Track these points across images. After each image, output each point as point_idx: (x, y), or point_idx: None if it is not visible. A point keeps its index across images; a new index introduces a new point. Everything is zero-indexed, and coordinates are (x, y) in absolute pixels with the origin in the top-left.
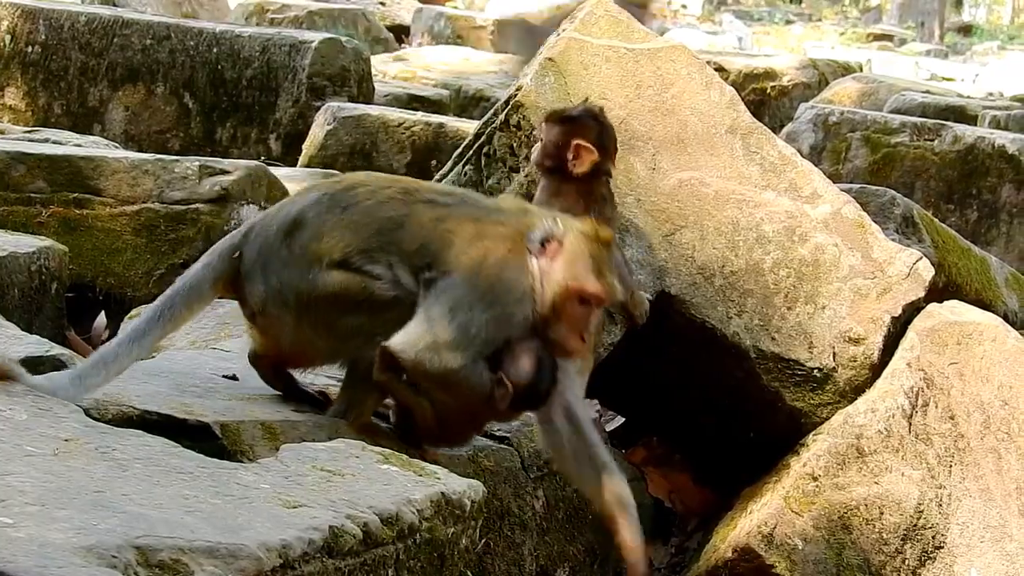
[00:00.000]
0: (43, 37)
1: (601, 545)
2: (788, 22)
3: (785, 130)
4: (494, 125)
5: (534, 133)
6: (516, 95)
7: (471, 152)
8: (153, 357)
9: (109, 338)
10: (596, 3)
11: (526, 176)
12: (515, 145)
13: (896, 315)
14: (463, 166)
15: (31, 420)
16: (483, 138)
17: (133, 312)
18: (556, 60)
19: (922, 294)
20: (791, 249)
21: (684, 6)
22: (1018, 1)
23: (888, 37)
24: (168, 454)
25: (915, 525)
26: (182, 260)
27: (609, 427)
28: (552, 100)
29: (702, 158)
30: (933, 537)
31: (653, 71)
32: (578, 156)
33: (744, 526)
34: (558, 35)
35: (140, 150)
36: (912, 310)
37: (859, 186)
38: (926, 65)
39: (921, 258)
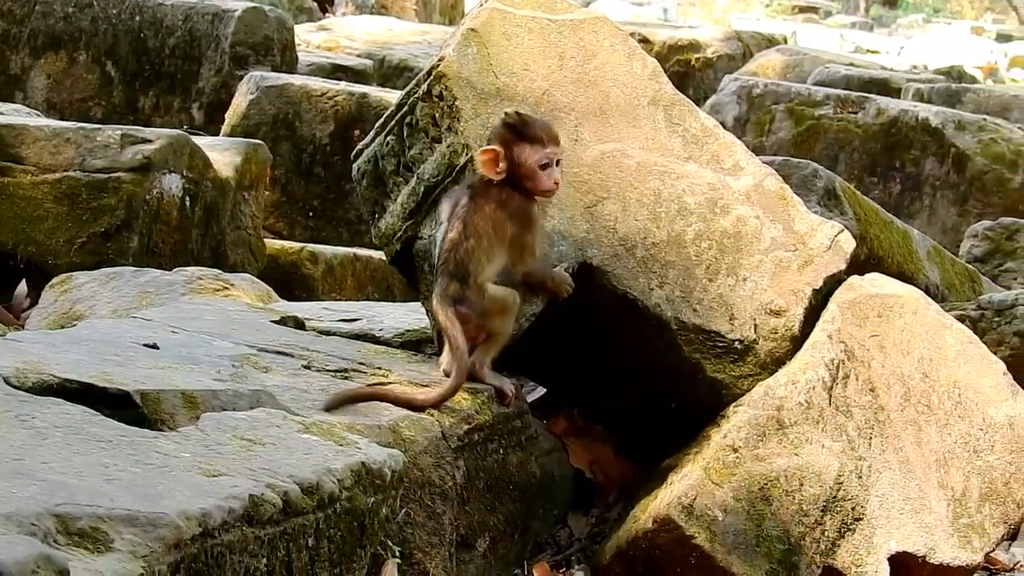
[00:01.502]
0: None
1: (521, 515)
2: None
3: (709, 102)
4: (416, 95)
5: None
6: (438, 65)
7: (393, 122)
8: (74, 326)
9: (30, 306)
10: None
11: (448, 147)
12: (437, 115)
13: (817, 287)
14: (385, 136)
15: None
16: (405, 108)
17: (55, 280)
18: (478, 30)
19: (843, 267)
20: (713, 221)
21: None
22: None
23: (813, 9)
24: (88, 422)
25: (835, 497)
26: (103, 228)
27: (531, 398)
28: (474, 70)
29: (624, 130)
30: (853, 509)
31: (576, 42)
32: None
33: (664, 497)
34: (481, 5)
35: (62, 118)
36: (833, 282)
37: (782, 159)
38: (851, 38)
39: (843, 230)
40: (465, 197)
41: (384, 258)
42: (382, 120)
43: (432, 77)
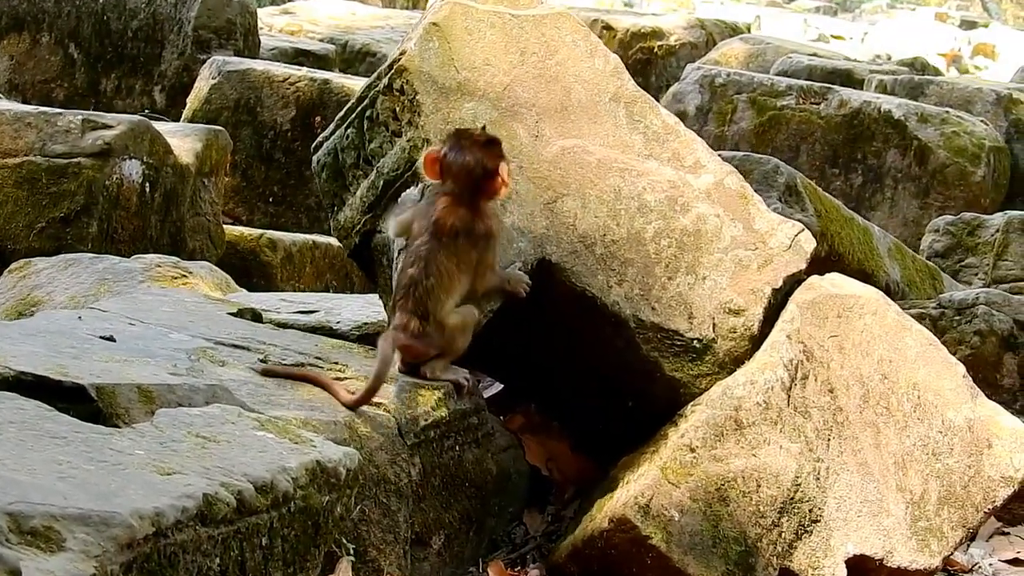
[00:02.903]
0: None
1: (477, 512)
2: None
3: (671, 90)
4: (377, 89)
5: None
6: (400, 59)
7: (353, 115)
8: (31, 315)
9: None
10: None
11: (408, 141)
12: (398, 109)
13: (777, 287)
14: (345, 129)
15: None
16: (366, 101)
17: (13, 265)
18: (440, 25)
19: (803, 266)
20: (673, 219)
21: None
22: None
23: None
24: (42, 418)
25: (792, 498)
26: (63, 214)
27: (487, 394)
28: (435, 65)
29: (585, 126)
30: (810, 511)
31: (538, 37)
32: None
33: (621, 496)
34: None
35: (24, 100)
36: (793, 282)
37: (743, 154)
38: (815, 23)
39: (803, 230)
40: (426, 225)
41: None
42: (342, 112)
43: (393, 71)
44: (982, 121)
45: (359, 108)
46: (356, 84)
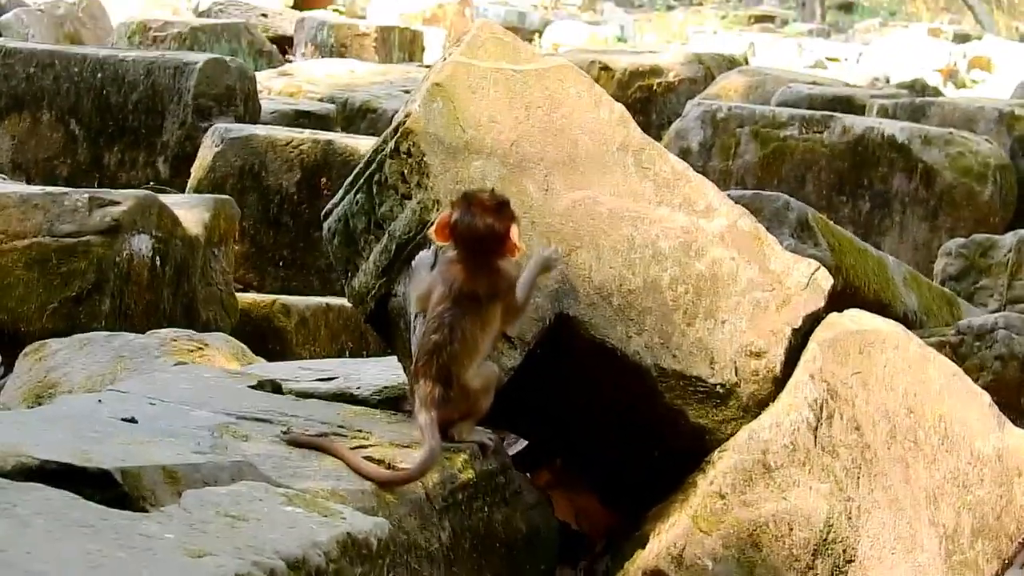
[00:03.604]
0: None
1: (509, 572)
2: (669, 8)
3: (673, 127)
4: (384, 152)
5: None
6: (405, 122)
7: (362, 180)
8: (51, 402)
9: (4, 375)
10: (481, 26)
11: (419, 203)
12: (406, 172)
13: (796, 327)
14: (355, 194)
15: None
16: (373, 165)
17: (28, 348)
18: (443, 85)
19: (822, 304)
20: (688, 265)
21: None
22: None
23: (770, 18)
24: (69, 507)
25: (825, 539)
26: (74, 293)
27: (512, 451)
28: (441, 125)
29: (595, 177)
30: (844, 551)
31: (542, 91)
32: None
33: (653, 548)
34: (444, 59)
35: (28, 178)
36: (812, 321)
37: (752, 192)
38: (809, 46)
39: (819, 268)
40: (446, 292)
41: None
42: (351, 178)
43: (399, 134)
44: (986, 140)
45: (367, 173)
46: (360, 143)
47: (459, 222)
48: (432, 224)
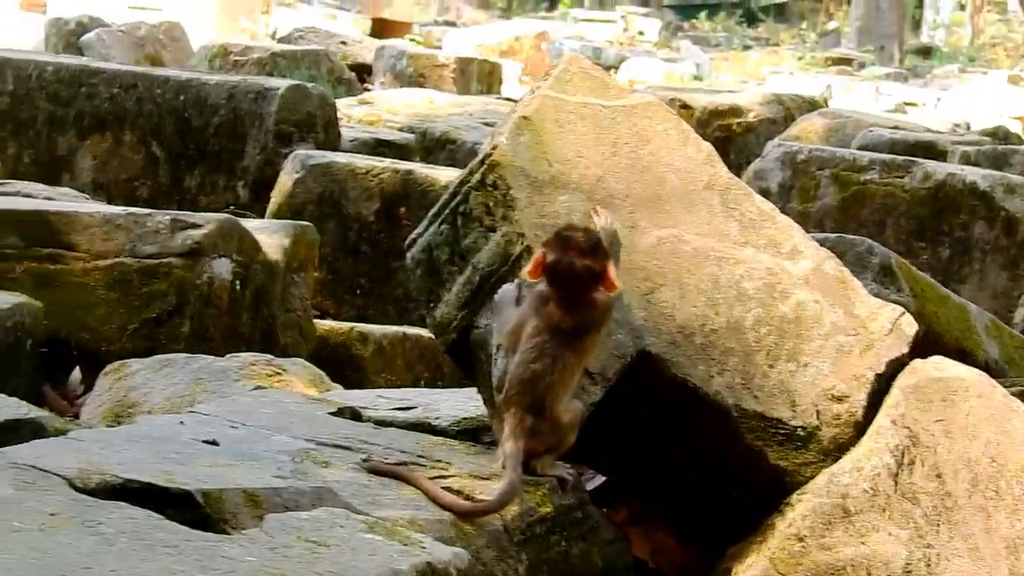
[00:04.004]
0: (11, 87)
1: None
2: (746, 47)
3: (752, 168)
4: (470, 184)
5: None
6: (491, 154)
7: (447, 211)
8: (133, 422)
9: (84, 393)
10: (570, 60)
11: (503, 236)
12: (491, 204)
13: (880, 372)
14: (439, 225)
15: (16, 494)
16: (459, 197)
17: (108, 368)
18: (531, 118)
19: (906, 350)
20: (772, 306)
21: (641, 33)
22: (977, 22)
23: (847, 61)
24: (153, 527)
25: None
26: (155, 314)
27: (590, 486)
28: (528, 159)
29: (680, 215)
30: None
31: (629, 128)
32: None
33: None
34: (532, 93)
35: (109, 199)
36: (896, 366)
37: (836, 236)
38: (886, 90)
39: (904, 313)
40: (541, 326)
41: (433, 337)
42: (435, 209)
43: (485, 166)
44: None
45: (452, 204)
46: (439, 174)
47: (557, 264)
48: (516, 257)
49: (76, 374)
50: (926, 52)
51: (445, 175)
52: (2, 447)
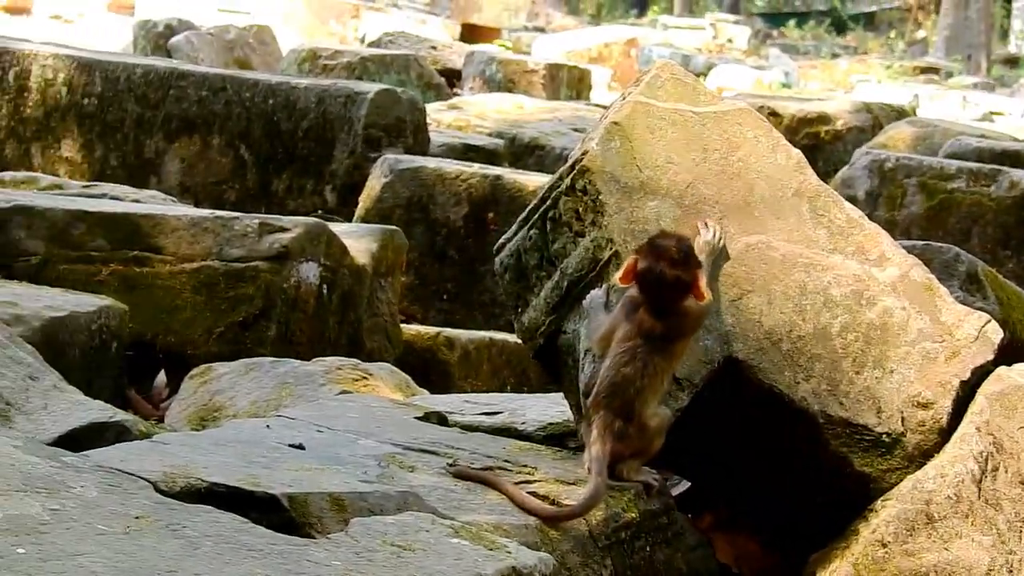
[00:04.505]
0: (99, 89)
1: None
2: (834, 56)
3: (840, 175)
4: (559, 189)
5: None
6: (582, 159)
7: (536, 216)
8: (218, 425)
9: (169, 396)
10: (662, 66)
11: (592, 241)
12: (581, 210)
13: (965, 379)
14: (528, 230)
15: (101, 497)
16: (548, 202)
17: (194, 371)
18: (622, 124)
19: (991, 357)
20: (859, 313)
21: (730, 40)
22: None
23: (935, 70)
24: (238, 531)
25: None
26: (241, 318)
27: (675, 492)
28: (618, 165)
29: (769, 222)
30: None
31: (719, 134)
32: None
33: None
34: (623, 98)
35: (196, 202)
36: (981, 373)
37: (923, 243)
38: (973, 99)
39: (989, 321)
40: (632, 331)
41: (521, 343)
42: (524, 214)
43: (575, 171)
44: None
45: (541, 209)
46: (527, 179)
47: (647, 272)
48: (604, 263)
49: (161, 377)
50: (1013, 62)
51: (534, 180)
52: (87, 450)
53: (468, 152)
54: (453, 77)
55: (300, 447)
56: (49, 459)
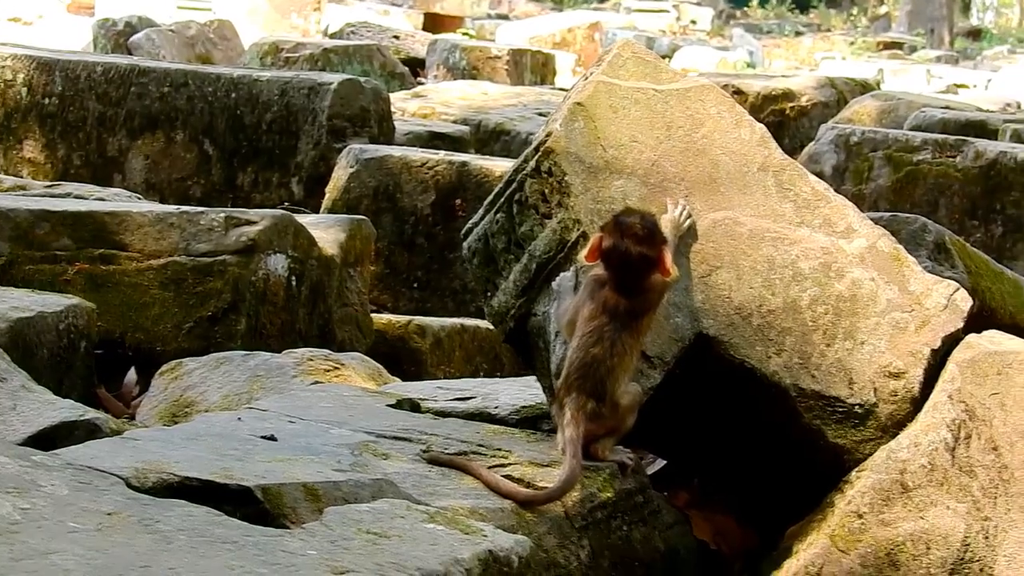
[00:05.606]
0: (60, 88)
1: None
2: (798, 34)
3: (807, 151)
4: (525, 172)
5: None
6: (546, 141)
7: (502, 199)
8: (190, 420)
9: (140, 394)
10: (623, 45)
11: (559, 223)
12: (547, 191)
13: (935, 348)
14: (495, 214)
15: (72, 495)
16: (514, 185)
17: (164, 367)
18: (585, 104)
19: (960, 326)
20: (828, 285)
21: (694, 21)
22: None
23: (898, 45)
24: (212, 523)
25: (962, 559)
26: (210, 312)
27: (651, 470)
28: (582, 145)
29: (735, 197)
30: (980, 570)
31: (683, 111)
32: None
33: (791, 567)
34: (586, 79)
35: (161, 199)
36: (951, 342)
37: (890, 214)
38: (937, 72)
39: (958, 289)
40: (598, 308)
41: (491, 328)
42: (491, 198)
43: (540, 153)
44: None
45: (507, 192)
46: (494, 165)
47: (613, 249)
48: (572, 244)
49: (131, 375)
50: (976, 34)
51: (500, 166)
52: (58, 449)
53: (434, 140)
54: (417, 66)
55: (272, 439)
56: (19, 459)
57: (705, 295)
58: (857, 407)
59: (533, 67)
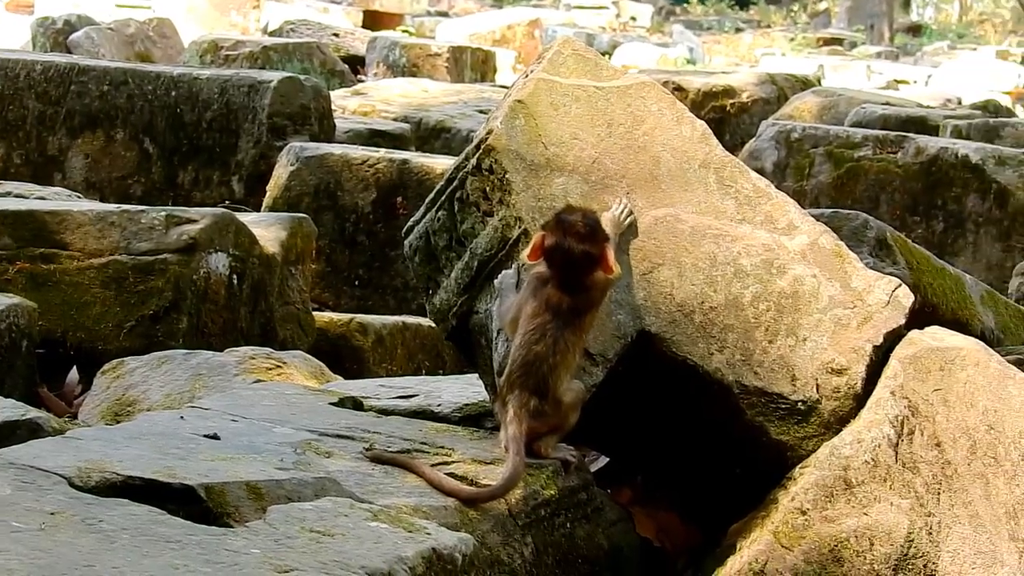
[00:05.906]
0: None
1: None
2: (738, 30)
3: (747, 148)
4: (465, 170)
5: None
6: (487, 139)
7: (443, 197)
8: (132, 419)
9: (82, 393)
10: (563, 42)
11: (500, 220)
12: (488, 189)
13: (878, 344)
14: (436, 211)
15: (15, 494)
16: (455, 183)
17: (106, 367)
18: (525, 102)
19: (903, 322)
20: (770, 282)
21: (633, 18)
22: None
23: (838, 41)
24: (155, 523)
25: (906, 555)
26: (152, 311)
27: (594, 468)
28: (523, 142)
29: (676, 194)
30: (924, 566)
31: (624, 108)
32: None
33: (734, 564)
34: (526, 76)
35: (102, 197)
36: (893, 338)
37: (831, 211)
38: (878, 68)
39: (900, 285)
40: (540, 306)
41: (434, 325)
42: (432, 195)
43: (481, 151)
44: None
45: (448, 190)
46: (435, 163)
47: (555, 247)
48: (513, 241)
49: (73, 374)
50: (916, 30)
51: (441, 164)
52: (0, 448)
53: (374, 137)
54: (357, 63)
55: (215, 437)
56: None
57: (647, 292)
58: (800, 403)
59: (473, 64)
